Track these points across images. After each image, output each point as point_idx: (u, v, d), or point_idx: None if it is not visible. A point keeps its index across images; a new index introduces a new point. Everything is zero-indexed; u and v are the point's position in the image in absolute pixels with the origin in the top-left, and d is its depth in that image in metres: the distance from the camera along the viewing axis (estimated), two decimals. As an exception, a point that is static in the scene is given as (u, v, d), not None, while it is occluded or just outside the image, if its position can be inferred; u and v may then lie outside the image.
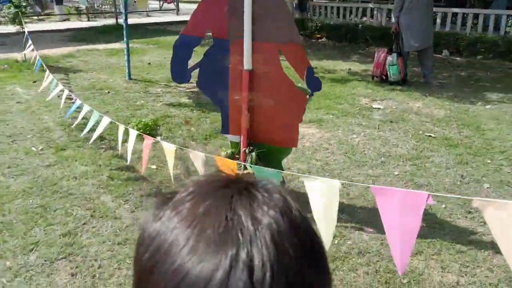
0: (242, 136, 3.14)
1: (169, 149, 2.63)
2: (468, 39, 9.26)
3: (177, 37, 3.16)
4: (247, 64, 2.95)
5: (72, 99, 4.29)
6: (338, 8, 12.36)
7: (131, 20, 13.59)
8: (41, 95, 5.82)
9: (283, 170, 3.34)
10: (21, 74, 6.97)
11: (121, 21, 13.19)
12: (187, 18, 13.54)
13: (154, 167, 3.72)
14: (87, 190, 3.32)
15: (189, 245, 0.38)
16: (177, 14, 16.58)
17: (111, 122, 3.35)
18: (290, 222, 0.40)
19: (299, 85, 3.41)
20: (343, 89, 6.41)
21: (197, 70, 3.22)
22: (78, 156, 3.90)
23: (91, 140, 3.74)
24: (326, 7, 12.84)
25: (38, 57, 5.95)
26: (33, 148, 4.06)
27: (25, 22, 7.71)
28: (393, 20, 6.79)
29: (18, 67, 7.32)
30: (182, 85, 6.62)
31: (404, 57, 6.60)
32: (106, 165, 3.73)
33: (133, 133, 3.04)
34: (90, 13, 14.59)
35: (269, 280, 0.36)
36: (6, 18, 7.40)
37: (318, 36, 11.91)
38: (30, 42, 6.63)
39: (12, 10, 7.22)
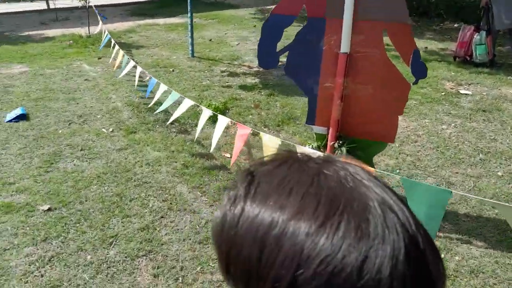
0: (331, 128, 2.82)
1: (271, 143, 2.36)
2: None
3: (268, 16, 2.82)
4: (345, 46, 2.59)
5: (143, 78, 4.14)
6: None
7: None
8: (107, 72, 5.77)
9: (373, 167, 3.00)
10: (86, 50, 6.97)
11: (179, -6, 13.05)
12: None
13: (228, 155, 3.50)
14: (162, 178, 3.16)
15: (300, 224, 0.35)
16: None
17: (193, 106, 3.13)
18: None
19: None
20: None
21: (285, 54, 2.89)
22: (150, 140, 3.75)
23: (168, 122, 3.57)
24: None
25: (106, 33, 5.86)
26: (104, 130, 3.96)
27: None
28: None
29: (83, 43, 7.33)
30: (246, 63, 6.35)
31: (493, 36, 5.88)
32: (179, 151, 3.56)
33: (223, 121, 2.82)
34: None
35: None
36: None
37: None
38: (99, 18, 6.58)
39: (78, -16, 7.18)
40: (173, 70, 5.88)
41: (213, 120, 3.88)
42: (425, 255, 0.36)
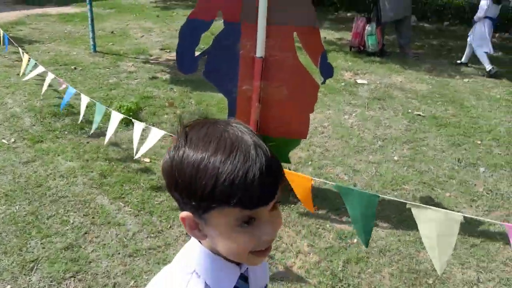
0: (249, 130, 2.95)
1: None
2: (435, 4, 9.34)
3: (184, 21, 2.81)
4: (260, 51, 2.71)
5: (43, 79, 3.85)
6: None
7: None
8: (0, 72, 5.23)
9: (290, 162, 3.22)
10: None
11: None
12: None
13: (147, 160, 3.47)
14: (79, 191, 3.03)
15: (219, 156, 0.66)
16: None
17: (106, 110, 3.03)
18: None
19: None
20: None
21: (203, 58, 2.93)
22: (60, 149, 3.54)
23: (92, 131, 3.39)
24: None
25: (1, 32, 5.30)
26: (4, 141, 3.64)
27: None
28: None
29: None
30: (153, 57, 6.21)
31: (382, 28, 6.52)
32: (93, 159, 3.42)
33: (139, 126, 2.78)
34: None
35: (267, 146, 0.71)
36: None
37: None
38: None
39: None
40: (75, 68, 5.53)
41: (125, 122, 3.80)
42: (276, 167, 0.70)
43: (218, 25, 2.85)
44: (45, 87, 3.97)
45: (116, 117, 3.11)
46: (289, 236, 2.69)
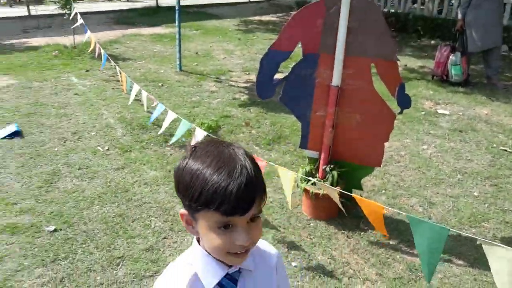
0: (322, 153, 3.02)
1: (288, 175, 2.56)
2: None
3: (265, 52, 2.99)
4: (336, 80, 2.80)
5: (150, 100, 4.25)
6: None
7: (166, 1, 13.53)
8: (96, 86, 5.83)
9: (362, 189, 3.22)
10: (73, 62, 7.00)
11: (161, 2, 13.12)
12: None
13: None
14: (161, 199, 3.29)
15: (210, 169, 0.84)
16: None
17: (190, 127, 3.28)
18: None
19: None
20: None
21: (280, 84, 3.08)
22: (145, 159, 3.87)
23: (170, 143, 3.68)
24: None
25: (101, 49, 5.95)
26: (99, 148, 4.06)
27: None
28: (459, 16, 6.36)
29: (69, 54, 7.35)
30: (234, 79, 6.52)
31: (468, 57, 6.26)
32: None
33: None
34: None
35: (254, 169, 0.86)
36: (58, 3, 7.38)
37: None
38: (88, 31, 6.63)
39: (65, -5, 7.20)
40: (162, 85, 6.00)
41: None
42: (255, 186, 0.85)
43: (296, 53, 2.99)
44: (145, 103, 4.35)
45: (200, 133, 3.34)
46: (357, 263, 2.68)
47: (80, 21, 7.03)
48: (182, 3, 13.54)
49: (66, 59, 7.09)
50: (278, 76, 3.04)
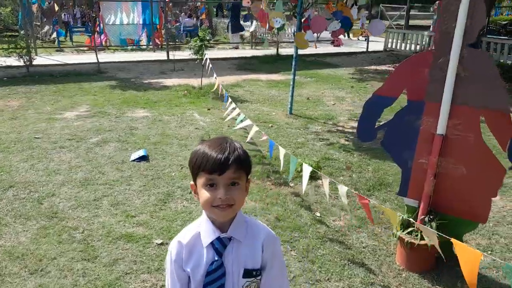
0: (422, 202, 2.94)
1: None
2: None
3: (370, 96, 3.10)
4: (441, 129, 2.76)
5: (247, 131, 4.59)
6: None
7: (286, 51, 14.36)
8: (215, 123, 6.45)
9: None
10: (198, 100, 7.86)
11: (281, 51, 14.00)
12: (342, 49, 13.53)
13: (318, 214, 3.74)
14: (256, 228, 3.49)
15: (207, 148, 1.24)
16: (333, 45, 16.78)
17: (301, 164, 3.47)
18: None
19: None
20: None
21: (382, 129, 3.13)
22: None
23: (289, 180, 3.91)
24: (503, 45, 11.55)
25: (224, 91, 6.61)
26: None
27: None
28: None
29: (196, 94, 8.27)
30: (341, 124, 6.62)
31: None
32: (272, 204, 3.89)
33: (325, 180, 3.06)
34: (254, 42, 15.82)
35: (243, 154, 1.26)
36: (192, 49, 8.46)
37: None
38: (214, 74, 7.42)
39: (198, 42, 8.23)
40: (271, 126, 6.38)
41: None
42: (234, 161, 1.21)
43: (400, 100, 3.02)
44: (248, 138, 4.70)
45: (307, 169, 3.49)
46: (450, 323, 2.49)
47: (209, 65, 7.92)
48: (301, 52, 14.29)
49: (192, 98, 7.99)
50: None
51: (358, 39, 14.85)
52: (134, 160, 4.87)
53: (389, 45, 15.00)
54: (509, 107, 2.65)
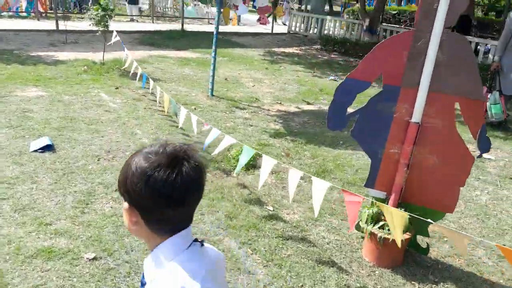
0: (393, 194, 2.77)
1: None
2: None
3: (341, 80, 2.79)
4: (416, 116, 2.59)
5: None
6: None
7: (190, 27, 13.61)
8: (127, 104, 5.66)
9: (428, 236, 2.95)
10: (102, 78, 6.87)
11: (187, 27, 13.20)
12: (250, 29, 13.38)
13: (270, 208, 3.40)
14: (207, 230, 3.02)
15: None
16: (260, 23, 16.43)
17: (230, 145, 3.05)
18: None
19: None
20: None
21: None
22: (186, 184, 3.62)
23: (236, 171, 3.45)
24: (398, 32, 12.40)
25: (141, 72, 5.83)
26: (136, 169, 3.81)
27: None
28: (496, 58, 6.31)
29: (98, 70, 7.23)
30: (265, 107, 6.35)
31: (505, 97, 6.14)
32: (218, 199, 3.44)
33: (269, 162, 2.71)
34: (155, 17, 14.67)
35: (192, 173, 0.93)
36: (93, 19, 7.32)
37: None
38: (125, 49, 6.52)
39: (100, 12, 7.15)
40: (195, 109, 5.82)
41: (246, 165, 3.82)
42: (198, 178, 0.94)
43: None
44: (195, 127, 4.09)
45: (267, 161, 3.08)
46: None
47: (116, 38, 6.96)
48: (206, 29, 13.64)
49: (95, 75, 6.96)
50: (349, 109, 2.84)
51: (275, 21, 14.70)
52: (36, 151, 3.96)
53: (293, 28, 15.16)
54: (483, 96, 2.58)
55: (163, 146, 0.94)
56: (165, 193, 0.89)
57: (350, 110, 2.85)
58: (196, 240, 1.00)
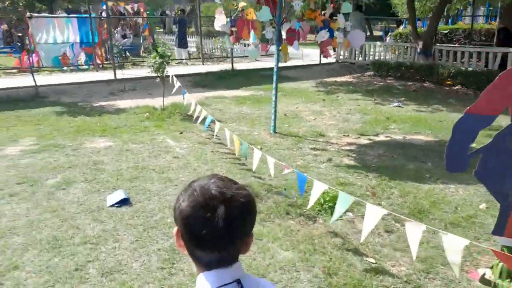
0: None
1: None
2: None
3: (459, 116, 2.45)
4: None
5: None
6: (469, 53, 11.30)
7: (239, 65, 13.72)
8: (193, 149, 5.55)
9: None
10: (165, 123, 6.88)
11: (236, 66, 13.34)
12: (297, 62, 13.15)
13: (372, 260, 3.03)
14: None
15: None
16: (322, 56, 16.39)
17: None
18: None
19: None
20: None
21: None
22: (271, 234, 3.34)
23: (308, 207, 3.17)
24: (455, 52, 11.81)
25: (206, 114, 5.82)
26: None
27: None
28: None
29: (159, 116, 7.28)
30: (333, 141, 6.03)
31: None
32: (310, 251, 3.11)
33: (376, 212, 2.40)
34: (205, 58, 15.00)
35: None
36: (152, 67, 7.46)
37: (449, 82, 10.85)
38: (185, 92, 6.52)
39: (158, 59, 7.28)
40: (260, 148, 5.61)
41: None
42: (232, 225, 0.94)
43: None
44: (254, 167, 3.88)
45: (345, 200, 2.82)
46: None
47: (177, 84, 7.03)
48: (253, 67, 13.70)
49: (157, 121, 7.00)
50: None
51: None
52: (113, 205, 3.86)
53: (340, 57, 14.91)
54: None
55: (208, 182, 0.98)
56: (194, 233, 0.94)
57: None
58: (239, 281, 0.98)
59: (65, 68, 12.99)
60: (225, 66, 13.77)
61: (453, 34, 16.51)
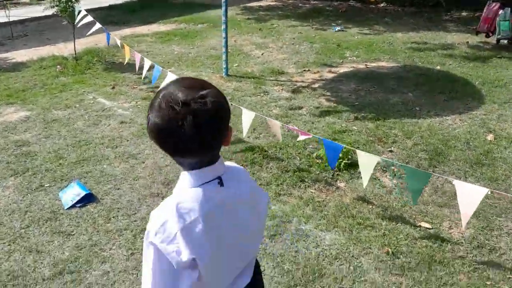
0: None
1: None
2: None
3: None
4: None
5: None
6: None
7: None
8: (140, 108, 4.52)
9: None
10: (86, 77, 5.56)
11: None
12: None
13: (427, 226, 2.61)
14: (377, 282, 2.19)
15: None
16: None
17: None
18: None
19: None
20: (493, 71, 5.33)
21: None
22: (300, 213, 2.73)
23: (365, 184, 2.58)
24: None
25: (146, 63, 4.68)
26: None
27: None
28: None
29: (75, 68, 5.86)
30: (295, 78, 5.39)
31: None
32: (352, 227, 2.58)
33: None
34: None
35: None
36: (57, 6, 5.81)
37: (373, 0, 10.62)
38: (109, 36, 5.20)
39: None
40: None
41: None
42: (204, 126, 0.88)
43: None
44: (245, 134, 3.13)
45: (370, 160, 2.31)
46: None
47: (88, 18, 5.62)
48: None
49: (76, 75, 5.62)
50: None
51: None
52: (73, 206, 2.87)
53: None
54: None
55: (175, 90, 0.89)
56: (169, 143, 0.90)
57: None
58: (220, 178, 0.97)
59: None
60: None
61: None
